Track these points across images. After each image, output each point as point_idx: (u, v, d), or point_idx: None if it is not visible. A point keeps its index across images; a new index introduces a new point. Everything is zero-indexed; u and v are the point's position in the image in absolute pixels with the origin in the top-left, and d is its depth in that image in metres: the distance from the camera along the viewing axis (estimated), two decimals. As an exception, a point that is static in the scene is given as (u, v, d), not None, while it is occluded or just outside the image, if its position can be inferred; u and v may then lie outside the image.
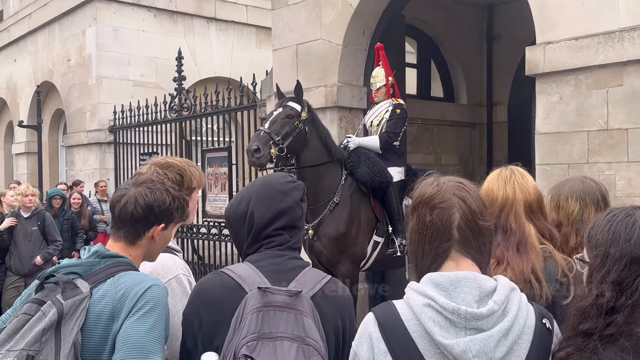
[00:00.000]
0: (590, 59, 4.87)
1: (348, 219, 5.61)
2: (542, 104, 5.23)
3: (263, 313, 1.59)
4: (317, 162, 5.54)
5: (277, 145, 5.24)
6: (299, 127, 5.38)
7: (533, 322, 1.48)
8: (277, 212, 1.80)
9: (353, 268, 5.72)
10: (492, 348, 1.40)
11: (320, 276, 1.79)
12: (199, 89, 11.02)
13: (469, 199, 1.53)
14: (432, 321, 1.42)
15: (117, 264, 1.82)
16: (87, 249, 1.87)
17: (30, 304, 1.72)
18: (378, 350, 1.46)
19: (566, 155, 5.04)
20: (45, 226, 7.63)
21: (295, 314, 1.59)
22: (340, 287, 1.82)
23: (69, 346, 1.65)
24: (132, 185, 1.90)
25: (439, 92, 9.85)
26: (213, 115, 9.55)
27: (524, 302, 1.49)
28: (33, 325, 1.65)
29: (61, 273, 1.77)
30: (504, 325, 1.42)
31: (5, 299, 7.42)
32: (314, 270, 1.82)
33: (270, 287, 1.66)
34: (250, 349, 1.54)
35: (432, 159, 9.04)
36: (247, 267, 1.75)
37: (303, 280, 1.73)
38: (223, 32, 14.19)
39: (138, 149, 11.19)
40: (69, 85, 13.33)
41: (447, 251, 1.50)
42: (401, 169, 6.08)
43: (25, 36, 15.27)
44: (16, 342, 1.63)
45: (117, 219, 1.89)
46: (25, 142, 15.59)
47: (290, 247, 1.83)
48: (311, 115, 5.57)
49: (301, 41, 7.65)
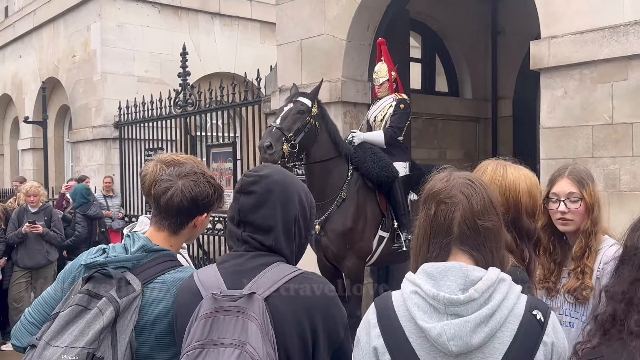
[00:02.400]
0: (595, 53, 4.86)
1: (355, 215, 5.61)
2: (547, 98, 5.22)
3: (213, 319, 1.56)
4: (325, 157, 5.55)
5: (289, 141, 5.21)
6: (310, 123, 5.34)
7: (521, 312, 1.49)
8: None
9: (359, 263, 5.73)
10: (467, 333, 1.45)
11: (282, 274, 1.66)
12: (203, 84, 11.01)
13: (473, 197, 1.56)
14: (416, 307, 1.51)
15: (162, 258, 1.88)
16: (133, 240, 1.92)
17: (82, 294, 1.78)
18: (373, 334, 1.56)
19: (571, 150, 5.03)
20: (51, 222, 7.68)
21: (243, 319, 1.55)
22: (312, 285, 1.68)
23: (125, 343, 1.72)
24: (177, 177, 1.94)
25: (444, 86, 9.83)
26: (217, 110, 9.56)
27: (513, 292, 1.51)
28: (91, 323, 1.71)
29: (111, 267, 1.82)
30: (483, 312, 1.46)
31: (12, 293, 7.48)
32: (280, 267, 1.69)
33: (222, 292, 1.62)
34: (191, 358, 1.53)
35: (436, 154, 9.03)
36: (211, 270, 1.74)
37: (261, 281, 1.64)
38: (227, 27, 14.19)
39: (143, 145, 11.22)
40: (74, 81, 13.36)
41: (448, 246, 1.56)
42: (406, 164, 6.10)
43: (30, 32, 15.30)
44: (76, 339, 1.69)
45: (162, 210, 1.95)
46: (31, 138, 15.65)
47: (259, 247, 1.73)
48: (321, 111, 5.56)
49: (305, 36, 7.64)
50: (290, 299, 1.63)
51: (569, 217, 2.55)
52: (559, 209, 2.55)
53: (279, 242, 1.72)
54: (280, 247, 1.73)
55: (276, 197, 1.72)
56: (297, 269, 1.72)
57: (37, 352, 1.71)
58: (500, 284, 1.50)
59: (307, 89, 7.25)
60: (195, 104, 10.03)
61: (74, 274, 1.98)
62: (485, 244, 1.56)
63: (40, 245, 7.52)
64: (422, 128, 8.85)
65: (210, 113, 9.85)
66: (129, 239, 1.93)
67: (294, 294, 1.64)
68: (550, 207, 2.59)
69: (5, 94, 17.26)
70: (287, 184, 1.75)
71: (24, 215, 7.52)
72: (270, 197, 1.71)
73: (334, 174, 5.64)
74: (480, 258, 1.55)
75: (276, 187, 1.72)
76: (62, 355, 1.67)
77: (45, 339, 1.72)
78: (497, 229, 1.58)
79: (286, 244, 1.74)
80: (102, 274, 1.80)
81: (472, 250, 1.55)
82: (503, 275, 1.52)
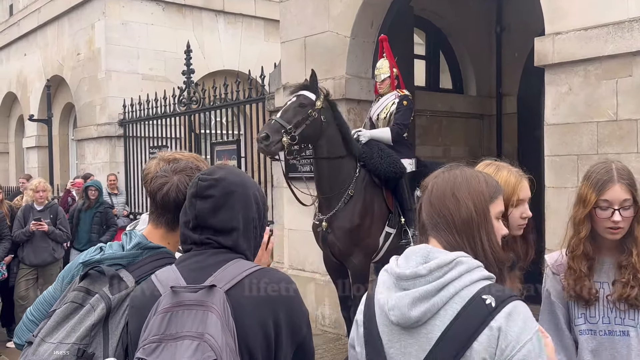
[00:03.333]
0: (599, 49, 4.84)
1: (362, 211, 5.62)
2: (551, 94, 5.21)
3: (171, 313, 1.53)
4: (335, 154, 5.56)
5: (289, 133, 5.18)
6: (312, 116, 5.32)
7: (469, 295, 1.51)
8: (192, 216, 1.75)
9: (366, 260, 5.74)
10: (405, 305, 1.53)
11: (241, 269, 1.64)
12: (207, 82, 11.03)
13: (437, 186, 1.68)
14: (382, 282, 1.65)
15: (158, 256, 1.88)
16: (129, 238, 1.93)
17: (77, 292, 1.80)
18: (360, 308, 1.73)
19: (575, 146, 5.02)
20: (57, 219, 7.71)
21: (202, 311, 1.52)
22: (274, 280, 1.66)
23: (117, 340, 1.73)
24: (172, 172, 1.94)
25: (448, 83, 9.82)
26: (222, 108, 9.57)
27: (468, 276, 1.53)
28: (83, 319, 1.73)
29: (106, 264, 1.83)
30: (424, 288, 1.53)
31: (18, 291, 7.51)
32: (240, 263, 1.67)
33: (181, 286, 1.59)
34: (147, 352, 1.50)
35: (441, 151, 9.03)
36: (170, 269, 1.71)
37: (222, 275, 1.61)
38: (231, 25, 14.20)
39: (148, 143, 11.24)
40: (78, 79, 13.39)
41: (425, 232, 1.69)
42: (412, 161, 6.10)
43: (35, 30, 15.33)
44: (67, 335, 1.71)
45: (159, 206, 1.94)
46: (36, 136, 15.69)
47: (218, 247, 1.70)
48: (329, 105, 5.55)
49: (309, 33, 7.64)
50: (252, 292, 1.62)
51: (622, 225, 2.29)
52: (614, 218, 2.27)
53: (238, 242, 1.71)
54: (240, 246, 1.72)
55: (235, 199, 1.70)
56: (257, 265, 1.70)
57: (32, 349, 1.73)
58: (458, 266, 1.54)
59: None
60: (200, 102, 10.05)
61: (72, 272, 2.01)
62: (456, 232, 1.61)
63: (46, 243, 7.55)
64: (426, 125, 8.84)
65: (215, 111, 9.86)
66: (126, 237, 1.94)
67: (255, 288, 1.62)
68: (600, 216, 2.30)
69: (10, 92, 17.31)
70: (244, 185, 1.74)
71: (30, 213, 7.55)
72: (228, 200, 1.69)
73: (342, 170, 5.65)
74: (453, 244, 1.60)
75: (235, 189, 1.70)
76: (54, 351, 1.69)
77: (40, 336, 1.74)
78: (468, 218, 1.61)
79: (246, 244, 1.73)
80: (98, 272, 1.82)
81: (440, 236, 1.63)
82: (464, 259, 1.55)
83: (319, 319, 7.54)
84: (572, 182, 5.01)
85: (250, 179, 1.82)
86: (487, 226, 1.64)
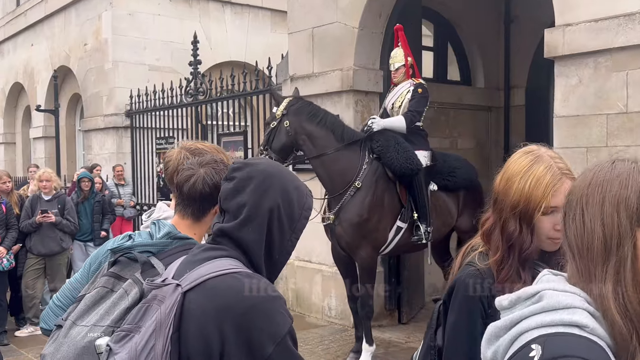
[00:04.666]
0: (610, 41, 4.81)
1: (370, 205, 5.60)
2: (561, 87, 5.17)
3: (147, 306, 1.53)
4: (324, 148, 5.60)
5: (263, 152, 5.58)
6: (273, 127, 5.63)
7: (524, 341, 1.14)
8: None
9: (373, 253, 5.74)
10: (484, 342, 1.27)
11: (213, 269, 1.48)
12: (214, 73, 11.01)
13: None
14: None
15: (186, 246, 1.90)
16: (158, 227, 1.95)
17: (108, 277, 1.82)
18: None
19: (585, 139, 5.00)
20: (65, 209, 7.72)
21: (158, 307, 1.49)
22: (236, 287, 1.45)
23: None
24: (198, 165, 1.98)
25: (456, 75, 9.77)
26: (229, 99, 9.56)
27: (542, 317, 1.15)
28: (117, 303, 1.75)
29: (137, 251, 1.86)
30: (497, 324, 1.22)
31: (25, 280, 7.54)
32: (218, 262, 1.52)
33: (154, 282, 1.59)
34: (116, 339, 1.52)
35: (448, 143, 8.99)
36: (177, 261, 1.69)
37: (193, 274, 1.51)
38: (238, 15, 14.16)
39: (154, 133, 11.25)
40: (85, 69, 13.40)
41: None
42: (427, 153, 6.04)
43: (42, 20, 15.34)
44: (101, 318, 1.74)
45: (185, 198, 1.98)
46: (43, 127, 15.73)
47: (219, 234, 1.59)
48: (292, 107, 5.67)
49: (317, 24, 7.61)
50: (204, 297, 1.44)
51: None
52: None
53: (239, 230, 1.55)
54: (244, 238, 1.55)
55: (255, 184, 1.57)
56: (234, 267, 1.50)
57: (63, 332, 1.76)
58: (540, 300, 1.17)
59: (318, 78, 7.28)
60: (206, 93, 10.04)
61: (100, 259, 2.04)
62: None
63: (54, 233, 7.57)
64: (433, 117, 8.80)
65: (221, 102, 9.85)
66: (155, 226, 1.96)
67: (211, 293, 1.44)
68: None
69: (17, 82, 17.35)
70: (272, 174, 1.60)
71: (37, 203, 7.57)
72: (248, 184, 1.57)
73: (341, 163, 5.62)
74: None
75: (257, 175, 1.58)
76: (88, 333, 1.71)
77: (71, 319, 1.77)
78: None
79: (255, 236, 1.55)
80: (128, 258, 1.85)
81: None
82: (550, 293, 1.17)
83: (325, 310, 7.55)
84: (581, 175, 4.99)
85: (289, 174, 1.66)
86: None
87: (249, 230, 1.55)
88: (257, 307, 1.44)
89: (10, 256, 7.27)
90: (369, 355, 5.75)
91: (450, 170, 6.19)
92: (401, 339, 6.76)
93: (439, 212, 6.06)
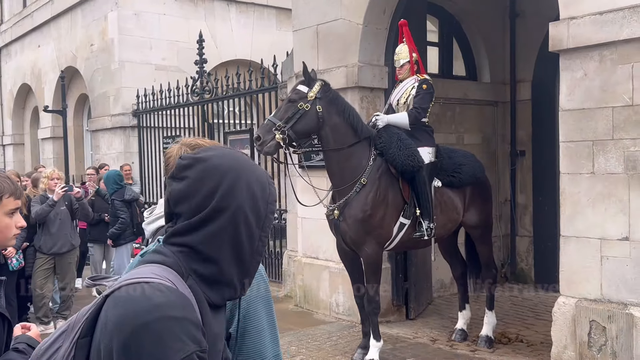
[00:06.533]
0: (615, 33, 4.78)
1: (374, 201, 5.60)
2: (566, 80, 5.16)
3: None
4: (343, 143, 5.55)
5: (280, 130, 5.30)
6: (303, 108, 5.40)
7: None
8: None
9: (378, 249, 5.74)
10: None
11: (131, 276, 1.30)
12: (220, 71, 11.03)
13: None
14: None
15: None
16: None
17: None
18: None
19: (591, 132, 4.98)
20: (72, 206, 7.71)
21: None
22: (137, 297, 1.23)
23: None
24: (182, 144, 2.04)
25: (461, 70, 9.74)
26: (234, 97, 9.59)
27: None
28: None
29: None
30: None
31: (35, 280, 7.52)
32: (146, 268, 1.32)
33: (97, 278, 1.51)
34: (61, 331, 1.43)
35: (454, 139, 8.97)
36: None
37: (123, 277, 1.36)
38: (243, 14, 14.18)
39: (161, 133, 11.29)
40: (92, 70, 13.46)
41: None
42: (431, 149, 6.02)
43: (49, 22, 15.41)
44: None
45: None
46: (51, 127, 15.81)
47: (169, 243, 1.38)
48: (326, 94, 5.54)
49: (321, 21, 7.62)
50: (112, 306, 1.26)
51: None
52: None
53: (188, 234, 1.34)
54: (187, 240, 1.34)
55: (211, 185, 1.34)
56: (152, 277, 1.28)
57: None
58: None
59: (323, 75, 7.27)
60: (212, 92, 10.08)
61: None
62: None
63: (64, 231, 7.57)
64: (439, 113, 8.79)
65: (227, 100, 9.88)
66: None
67: (115, 302, 1.26)
68: None
69: (25, 83, 17.44)
70: (229, 169, 1.37)
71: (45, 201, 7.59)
72: (201, 186, 1.34)
73: (353, 159, 5.63)
74: None
75: (212, 173, 1.36)
76: None
77: None
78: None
79: (205, 244, 1.33)
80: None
81: None
82: None
83: (333, 306, 7.57)
84: (588, 168, 4.98)
85: (250, 166, 1.44)
86: None
87: (203, 234, 1.34)
88: (150, 326, 1.19)
89: (20, 255, 7.29)
90: (377, 350, 5.76)
91: (455, 166, 6.18)
92: (409, 335, 6.76)
93: (444, 208, 6.05)
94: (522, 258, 9.39)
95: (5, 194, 2.00)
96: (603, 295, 4.91)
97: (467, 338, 6.50)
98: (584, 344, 4.93)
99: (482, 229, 6.50)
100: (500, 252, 9.24)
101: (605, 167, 4.88)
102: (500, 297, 8.05)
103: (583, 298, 5.02)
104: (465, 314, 6.60)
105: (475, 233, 6.52)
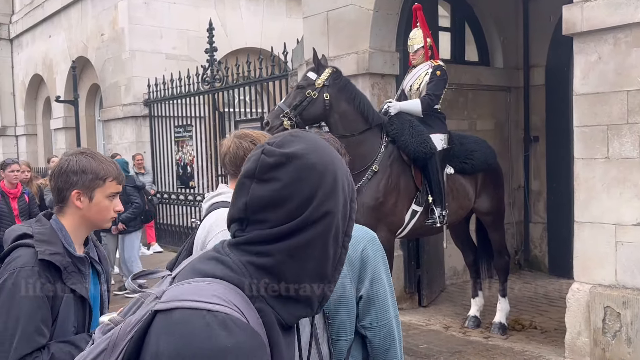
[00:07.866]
0: (629, 16, 4.70)
1: (386, 188, 5.57)
2: (580, 64, 5.08)
3: (141, 302, 1.17)
4: (353, 130, 5.52)
5: (287, 116, 5.34)
6: (311, 95, 5.41)
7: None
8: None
9: (390, 236, 5.72)
10: None
11: (187, 296, 1.06)
12: (230, 60, 11.01)
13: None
14: None
15: None
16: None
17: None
18: None
19: (605, 116, 4.91)
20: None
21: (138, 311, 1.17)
22: (161, 332, 1.04)
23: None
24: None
25: (474, 55, 9.65)
26: (245, 86, 9.57)
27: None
28: None
29: None
30: None
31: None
32: (204, 286, 1.08)
33: (140, 283, 1.22)
34: (104, 329, 1.21)
35: (466, 125, 8.90)
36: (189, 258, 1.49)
37: (175, 290, 1.10)
38: (253, 2, 14.12)
39: (173, 122, 11.30)
40: (103, 59, 13.48)
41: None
42: (444, 136, 5.97)
43: (59, 12, 15.44)
44: None
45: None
46: (63, 117, 15.89)
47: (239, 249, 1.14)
48: (336, 81, 5.52)
49: (331, 7, 7.55)
50: (166, 331, 1.04)
51: None
52: None
53: (267, 243, 1.12)
54: (268, 251, 1.12)
55: (309, 187, 1.12)
56: (216, 303, 1.03)
57: None
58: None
59: (334, 62, 7.21)
60: (223, 80, 10.05)
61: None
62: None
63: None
64: (451, 99, 8.71)
65: (238, 89, 9.86)
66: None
67: (171, 328, 1.03)
68: None
69: (37, 74, 17.51)
70: (327, 167, 1.15)
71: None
72: (296, 191, 1.11)
73: (364, 146, 5.60)
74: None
75: (311, 173, 1.13)
76: None
77: None
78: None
79: (287, 257, 1.12)
80: None
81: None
82: None
83: (345, 294, 7.56)
84: (602, 153, 4.91)
85: (337, 156, 1.20)
86: None
87: (288, 246, 1.11)
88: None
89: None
90: (389, 338, 5.75)
91: (467, 153, 6.13)
92: (422, 322, 6.75)
93: (456, 195, 6.02)
94: (536, 245, 9.33)
95: (109, 177, 2.12)
96: (618, 281, 4.86)
97: (480, 325, 6.47)
98: (598, 330, 4.89)
99: (493, 216, 6.45)
100: (513, 239, 9.18)
101: (620, 152, 4.81)
102: (514, 284, 8.01)
103: (597, 284, 4.97)
104: (478, 300, 6.57)
105: (487, 220, 6.48)
